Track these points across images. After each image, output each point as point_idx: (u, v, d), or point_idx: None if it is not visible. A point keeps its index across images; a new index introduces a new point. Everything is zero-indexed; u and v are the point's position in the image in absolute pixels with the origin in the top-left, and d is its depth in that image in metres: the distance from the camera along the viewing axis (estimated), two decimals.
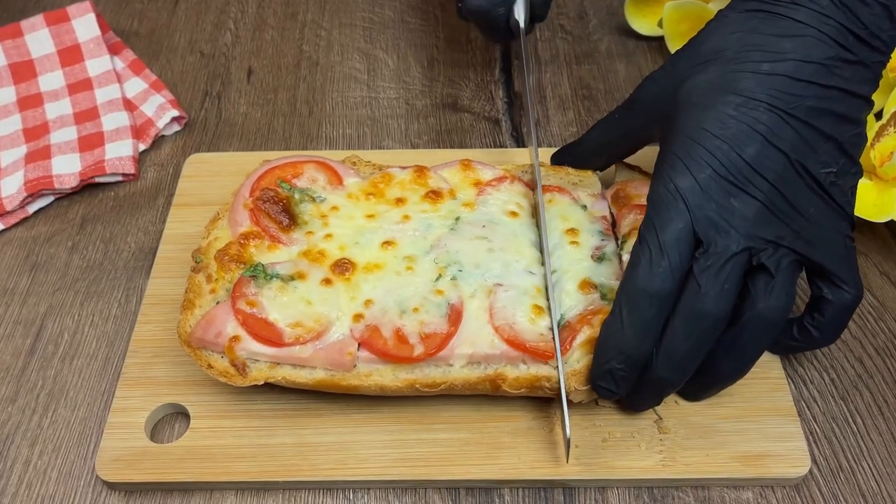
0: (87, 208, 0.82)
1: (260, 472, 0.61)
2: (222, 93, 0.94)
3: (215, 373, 0.61)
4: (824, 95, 0.57)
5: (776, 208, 0.57)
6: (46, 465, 0.64)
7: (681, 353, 0.57)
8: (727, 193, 0.56)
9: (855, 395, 0.67)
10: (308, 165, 0.70)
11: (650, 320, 0.56)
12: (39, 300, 0.74)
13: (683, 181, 0.57)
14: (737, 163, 0.56)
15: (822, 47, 0.57)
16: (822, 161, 0.57)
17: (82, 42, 0.91)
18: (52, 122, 0.86)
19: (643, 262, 0.56)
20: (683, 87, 0.60)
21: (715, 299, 0.55)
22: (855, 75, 0.58)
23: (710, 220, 0.56)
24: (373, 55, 0.98)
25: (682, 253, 0.56)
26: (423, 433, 0.63)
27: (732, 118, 0.57)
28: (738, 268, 0.56)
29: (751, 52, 0.58)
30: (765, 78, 0.57)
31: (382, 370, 0.61)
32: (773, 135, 0.56)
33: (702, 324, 0.56)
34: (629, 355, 0.57)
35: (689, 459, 0.61)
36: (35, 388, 0.68)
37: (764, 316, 0.56)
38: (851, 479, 0.63)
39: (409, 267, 0.64)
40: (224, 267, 0.64)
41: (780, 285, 0.56)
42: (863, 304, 0.73)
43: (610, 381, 0.58)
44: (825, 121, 0.57)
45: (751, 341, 0.58)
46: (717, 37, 0.61)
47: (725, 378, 0.61)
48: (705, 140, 0.57)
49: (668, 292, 0.56)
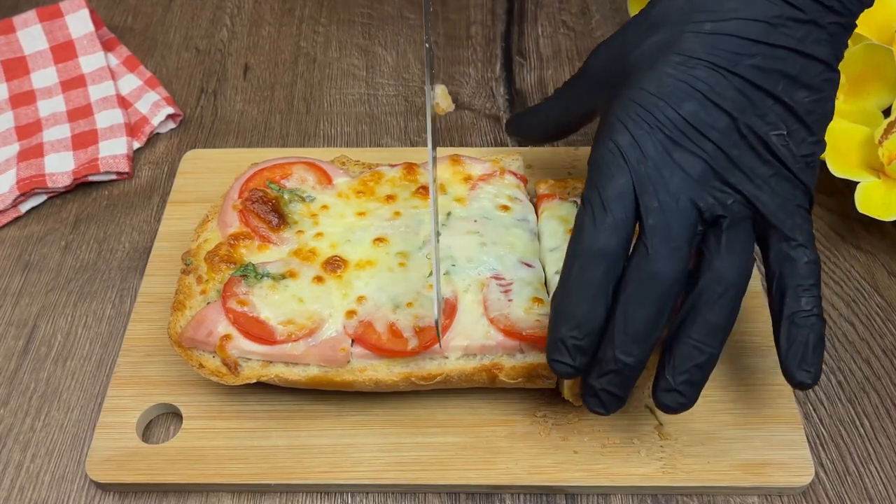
0: (80, 207, 0.82)
1: (253, 474, 0.61)
2: (218, 90, 0.94)
3: (207, 372, 0.61)
4: (771, 55, 0.56)
5: (721, 167, 0.55)
6: (39, 468, 0.64)
7: (636, 320, 0.53)
8: (667, 150, 0.55)
9: (862, 397, 0.67)
10: (297, 166, 0.71)
11: (599, 281, 0.54)
12: (32, 301, 0.74)
13: (622, 139, 0.56)
14: (675, 119, 0.56)
15: (769, 6, 0.56)
16: (771, 122, 0.56)
17: (76, 38, 0.91)
18: (44, 119, 0.86)
19: (587, 222, 0.55)
20: (632, 54, 0.60)
21: (665, 259, 0.53)
22: (808, 35, 0.56)
23: (650, 176, 0.55)
24: (371, 51, 0.98)
25: (626, 208, 0.54)
26: (419, 437, 0.63)
27: (670, 76, 0.57)
28: (686, 226, 0.54)
29: (695, 13, 0.58)
30: (707, 37, 0.57)
31: (377, 365, 0.61)
32: (712, 92, 0.56)
33: (654, 286, 0.53)
34: (581, 321, 0.54)
35: (689, 467, 0.61)
36: (28, 391, 0.68)
37: (722, 275, 0.54)
38: (859, 483, 0.63)
39: (402, 263, 0.64)
40: (214, 268, 0.65)
41: (735, 239, 0.55)
42: (870, 304, 0.73)
43: (564, 353, 0.54)
44: (772, 80, 0.56)
45: (713, 306, 0.54)
46: (666, 3, 0.60)
47: (694, 356, 0.55)
48: (643, 98, 0.57)
49: (614, 250, 0.54)
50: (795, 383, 0.55)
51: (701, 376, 0.56)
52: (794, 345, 0.55)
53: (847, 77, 0.79)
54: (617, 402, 0.56)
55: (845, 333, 0.71)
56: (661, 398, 0.56)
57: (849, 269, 0.76)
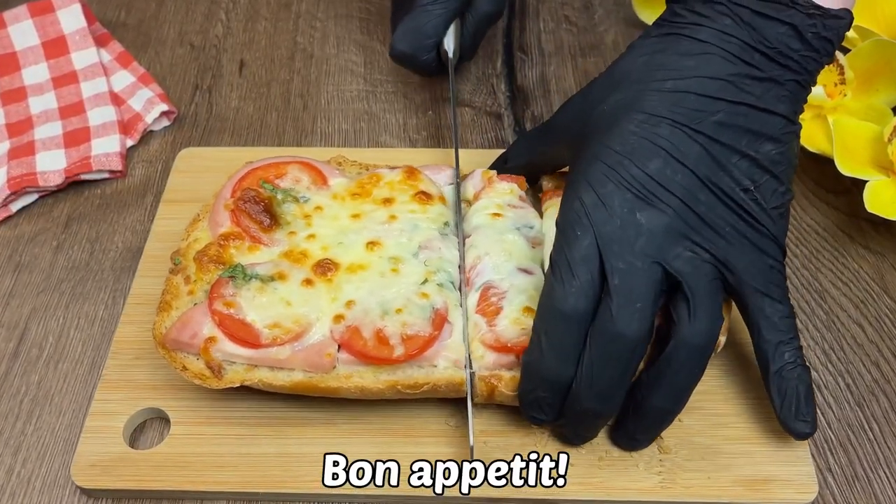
0: (72, 206, 0.82)
1: (241, 482, 0.61)
2: (213, 86, 0.94)
3: (190, 375, 0.61)
4: (732, 111, 0.58)
5: (688, 225, 0.57)
6: (30, 473, 0.64)
7: (600, 379, 0.56)
8: (632, 208, 0.57)
9: (871, 400, 0.67)
10: (291, 166, 0.71)
11: (567, 343, 0.56)
12: (23, 302, 0.74)
13: (587, 197, 0.57)
14: (639, 177, 0.57)
15: (726, 64, 0.59)
16: (736, 178, 0.58)
17: (68, 34, 0.91)
18: (36, 116, 0.86)
19: (555, 284, 0.57)
20: (595, 111, 0.62)
21: (627, 320, 0.55)
22: (767, 92, 0.59)
23: (614, 236, 0.56)
24: (370, 47, 0.98)
25: (591, 270, 0.56)
26: (411, 446, 0.63)
27: (634, 134, 0.58)
28: (650, 285, 0.56)
29: (655, 72, 0.60)
30: (668, 95, 0.59)
31: (363, 372, 0.61)
32: (675, 150, 0.57)
33: (617, 347, 0.55)
34: (552, 382, 0.57)
35: (689, 482, 0.61)
36: (18, 394, 0.68)
37: (688, 341, 0.56)
38: (868, 488, 0.63)
39: (395, 269, 0.64)
40: (203, 268, 0.65)
41: (701, 305, 0.56)
42: (879, 306, 0.73)
43: (538, 410, 0.59)
44: (736, 136, 0.58)
45: (679, 371, 0.57)
46: (628, 61, 0.63)
47: (657, 414, 0.59)
48: (607, 156, 0.58)
49: (581, 313, 0.56)
50: (795, 434, 0.60)
51: (660, 428, 0.61)
52: (787, 398, 0.59)
53: (856, 73, 0.79)
54: (588, 439, 0.62)
55: (854, 336, 0.71)
56: (617, 439, 0.62)
57: (857, 270, 0.76)
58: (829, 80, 0.79)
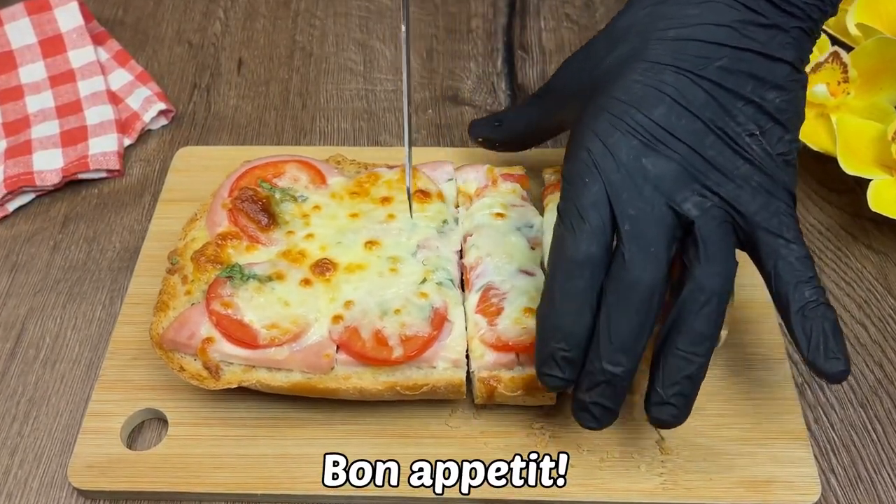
0: (69, 206, 0.82)
1: (239, 483, 0.61)
2: (211, 85, 0.94)
3: (187, 375, 0.61)
4: (737, 57, 0.58)
5: (697, 170, 0.57)
6: (27, 474, 0.64)
7: (620, 330, 0.54)
8: (640, 155, 0.56)
9: (874, 401, 0.67)
10: (290, 165, 0.71)
11: (582, 291, 0.55)
12: (20, 302, 0.74)
13: (594, 147, 0.57)
14: (645, 123, 0.57)
15: (730, 11, 0.59)
16: (742, 123, 0.58)
17: (65, 32, 0.91)
18: (33, 115, 0.86)
19: (565, 232, 0.56)
20: (598, 67, 0.62)
21: (642, 265, 0.54)
22: (772, 39, 0.59)
23: (623, 182, 0.56)
24: (369, 45, 0.98)
25: (602, 216, 0.55)
26: (411, 447, 0.63)
27: (638, 83, 0.58)
28: (663, 231, 0.55)
29: (658, 21, 0.60)
30: (671, 43, 0.59)
31: (361, 373, 0.61)
32: (681, 96, 0.57)
33: (635, 294, 0.54)
34: (568, 332, 0.55)
35: (691, 483, 0.61)
36: (15, 395, 0.68)
37: (703, 284, 0.55)
38: (871, 489, 0.63)
39: (393, 269, 0.64)
40: (200, 268, 0.65)
41: (713, 246, 0.55)
42: (882, 306, 0.73)
43: (553, 366, 0.55)
44: (741, 82, 0.58)
45: (698, 316, 0.55)
46: (629, 15, 0.63)
47: (683, 367, 0.55)
48: (613, 106, 0.58)
49: (595, 258, 0.55)
50: (829, 375, 0.55)
51: (691, 387, 0.56)
52: (813, 337, 0.55)
53: (859, 71, 0.79)
54: (609, 416, 0.56)
55: (857, 336, 0.71)
56: (654, 412, 0.56)
57: (860, 270, 0.76)
58: (832, 79, 0.79)
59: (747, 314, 0.69)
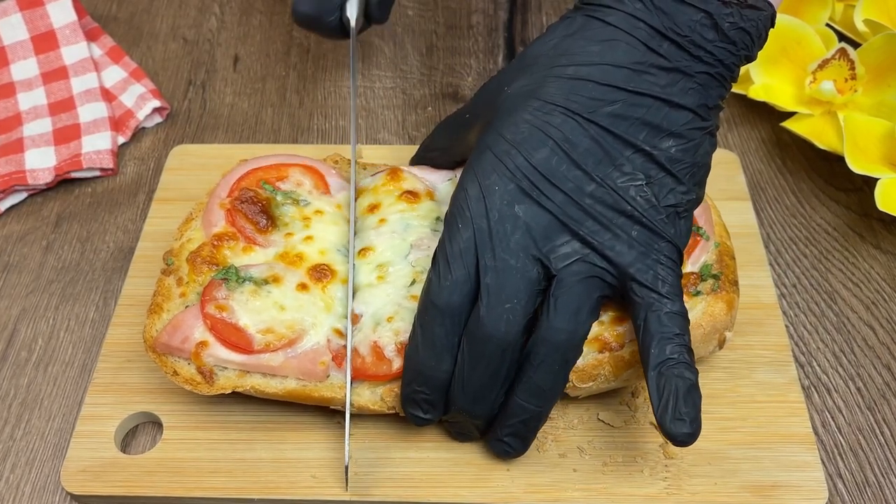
0: (62, 205, 0.82)
1: (235, 488, 0.61)
2: (207, 82, 0.94)
3: (181, 380, 0.61)
4: (632, 102, 0.57)
5: (571, 218, 0.56)
6: (19, 479, 0.64)
7: (472, 381, 0.56)
8: (512, 201, 0.56)
9: (882, 404, 0.67)
10: (294, 169, 0.70)
11: (442, 338, 0.56)
12: (12, 303, 0.74)
13: (471, 189, 0.57)
14: (524, 167, 0.57)
15: (631, 52, 0.57)
16: (627, 173, 0.57)
17: (57, 28, 0.91)
18: (25, 113, 0.86)
19: (433, 277, 0.57)
20: (502, 94, 0.61)
21: (495, 321, 0.55)
22: (673, 84, 0.57)
23: (491, 231, 0.56)
24: (367, 42, 0.98)
25: (467, 265, 0.56)
26: (411, 451, 0.63)
27: (527, 122, 0.58)
28: (523, 283, 0.55)
29: (560, 57, 0.59)
30: (566, 82, 0.58)
31: (357, 386, 0.61)
32: (565, 140, 0.57)
33: (486, 349, 0.55)
34: (427, 377, 0.57)
35: (695, 488, 0.61)
36: (7, 398, 0.68)
37: (545, 338, 0.55)
38: (879, 494, 0.63)
39: (381, 276, 0.63)
40: (196, 269, 0.64)
41: (563, 301, 0.55)
42: (890, 307, 0.73)
43: (416, 408, 0.58)
44: (632, 129, 0.57)
45: (538, 370, 0.55)
46: (540, 44, 0.62)
47: (519, 413, 0.57)
48: (497, 146, 0.58)
49: (455, 308, 0.56)
50: (672, 437, 0.53)
51: (526, 431, 0.58)
52: (664, 396, 0.54)
53: (867, 68, 0.79)
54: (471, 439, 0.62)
55: (864, 338, 0.71)
56: (491, 445, 0.61)
57: (868, 271, 0.76)
58: (839, 76, 0.79)
59: (752, 316, 0.69)
